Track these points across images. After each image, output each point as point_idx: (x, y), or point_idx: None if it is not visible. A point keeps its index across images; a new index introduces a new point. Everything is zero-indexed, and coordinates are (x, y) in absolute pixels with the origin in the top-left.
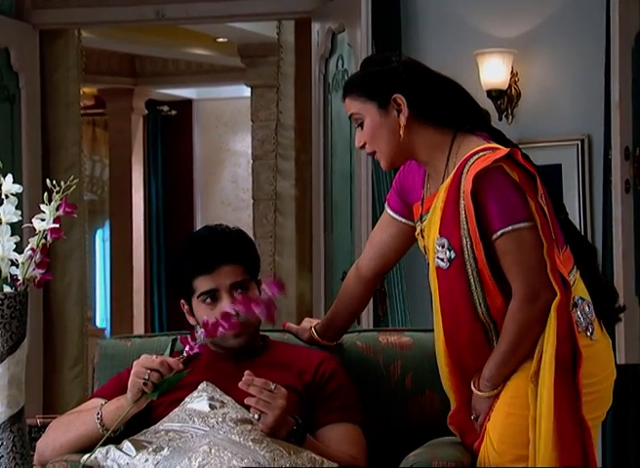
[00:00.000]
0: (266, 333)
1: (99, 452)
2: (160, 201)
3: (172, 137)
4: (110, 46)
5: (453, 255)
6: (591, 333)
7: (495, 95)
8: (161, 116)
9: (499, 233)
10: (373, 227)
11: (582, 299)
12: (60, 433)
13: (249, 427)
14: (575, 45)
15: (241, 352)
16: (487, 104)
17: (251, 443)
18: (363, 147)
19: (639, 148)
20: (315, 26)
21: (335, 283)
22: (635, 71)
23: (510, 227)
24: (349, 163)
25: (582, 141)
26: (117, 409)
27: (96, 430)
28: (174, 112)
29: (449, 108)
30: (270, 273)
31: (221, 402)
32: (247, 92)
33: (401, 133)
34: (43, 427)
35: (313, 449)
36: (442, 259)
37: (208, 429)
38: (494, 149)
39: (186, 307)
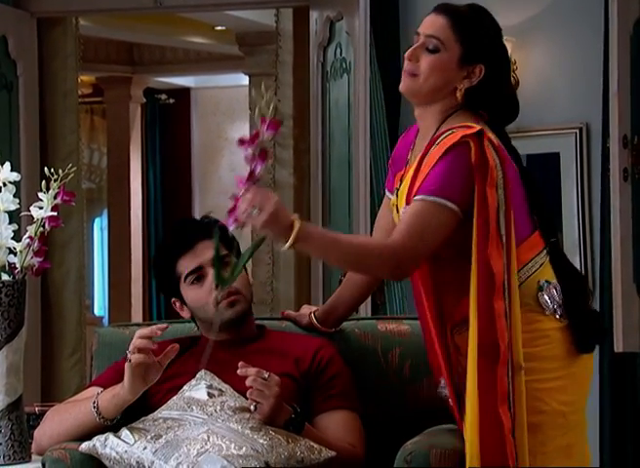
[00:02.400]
0: (264, 322)
1: (97, 440)
2: (158, 189)
3: (170, 126)
4: (108, 34)
5: None
6: (561, 315)
7: None
8: (159, 104)
9: (420, 197)
10: (371, 216)
11: (549, 282)
12: (56, 422)
13: (247, 415)
14: (573, 33)
15: (238, 339)
16: None
17: (249, 431)
18: (410, 60)
19: (637, 137)
20: (313, 14)
21: (333, 271)
22: (634, 60)
23: (432, 199)
24: (347, 151)
25: (581, 130)
26: (113, 397)
27: (92, 419)
28: (172, 100)
29: (488, 99)
30: (269, 262)
31: (220, 390)
32: (245, 80)
33: (458, 95)
34: (41, 415)
35: (312, 438)
36: None
37: (206, 417)
38: (469, 127)
39: (178, 304)
